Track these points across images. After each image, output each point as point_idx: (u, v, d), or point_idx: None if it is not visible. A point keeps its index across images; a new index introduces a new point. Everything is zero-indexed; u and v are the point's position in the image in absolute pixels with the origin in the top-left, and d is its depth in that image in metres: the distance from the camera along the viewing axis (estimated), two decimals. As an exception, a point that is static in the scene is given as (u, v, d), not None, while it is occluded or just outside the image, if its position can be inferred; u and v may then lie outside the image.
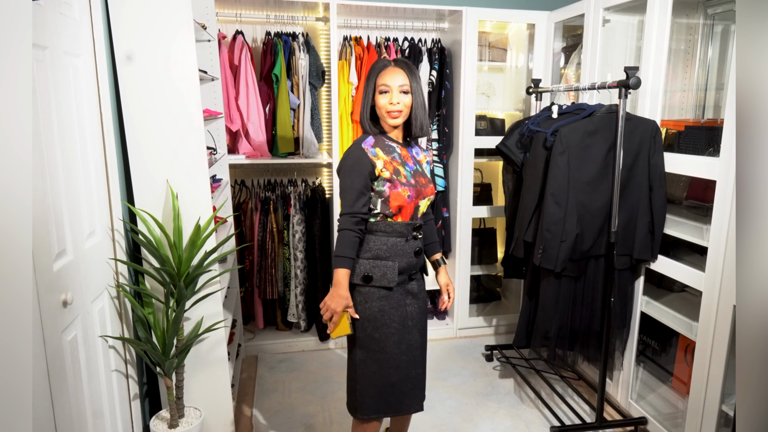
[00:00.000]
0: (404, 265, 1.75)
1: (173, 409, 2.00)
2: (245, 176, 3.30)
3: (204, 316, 2.10)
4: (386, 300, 1.73)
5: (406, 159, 1.77)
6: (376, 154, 1.71)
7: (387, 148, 1.74)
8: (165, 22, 1.89)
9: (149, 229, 1.92)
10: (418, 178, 1.76)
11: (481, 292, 3.76)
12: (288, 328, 3.33)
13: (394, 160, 1.72)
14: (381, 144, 1.74)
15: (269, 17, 3.08)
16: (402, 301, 1.76)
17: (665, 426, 2.24)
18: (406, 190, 1.70)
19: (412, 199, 1.71)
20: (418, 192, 1.74)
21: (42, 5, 1.44)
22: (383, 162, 1.70)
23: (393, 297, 1.74)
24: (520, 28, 3.39)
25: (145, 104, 1.93)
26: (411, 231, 1.75)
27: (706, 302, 1.94)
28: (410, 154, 1.81)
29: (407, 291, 1.78)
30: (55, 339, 1.43)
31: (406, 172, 1.73)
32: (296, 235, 3.07)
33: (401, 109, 1.70)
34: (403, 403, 1.80)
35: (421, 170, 1.80)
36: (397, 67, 1.71)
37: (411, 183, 1.72)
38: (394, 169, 1.71)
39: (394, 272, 1.71)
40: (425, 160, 1.87)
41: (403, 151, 1.78)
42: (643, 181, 2.18)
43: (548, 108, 2.59)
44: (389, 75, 1.69)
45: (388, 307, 1.73)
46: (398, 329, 1.75)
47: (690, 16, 2.44)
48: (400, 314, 1.75)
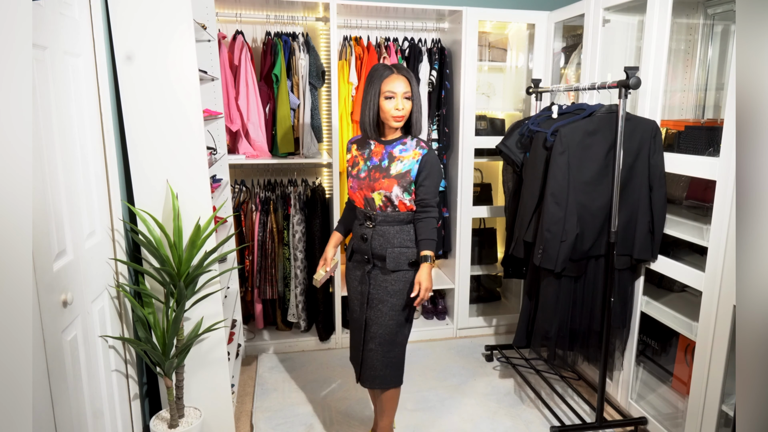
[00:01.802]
0: (355, 246, 2.05)
1: (173, 409, 2.00)
2: (245, 176, 3.30)
3: (204, 316, 2.10)
4: (350, 270, 2.10)
5: (374, 155, 1.99)
6: (350, 148, 2.09)
7: (363, 144, 2.04)
8: (165, 22, 1.89)
9: (149, 229, 1.92)
10: (373, 173, 1.96)
11: (481, 292, 3.76)
12: (288, 328, 3.33)
13: (361, 155, 2.02)
14: (360, 141, 2.06)
15: (269, 17, 3.09)
16: (354, 276, 2.07)
17: (665, 426, 2.24)
18: (350, 182, 2.03)
19: (354, 190, 2.02)
20: (364, 185, 1.97)
21: (42, 5, 1.44)
22: (350, 156, 2.07)
23: (349, 268, 2.10)
24: (520, 28, 3.39)
25: (144, 104, 1.93)
26: (363, 217, 2.01)
27: (706, 302, 1.94)
28: (386, 150, 1.98)
29: (364, 272, 2.03)
30: (55, 339, 1.43)
31: (363, 166, 2.00)
32: (296, 235, 3.07)
33: (404, 114, 1.91)
34: (356, 370, 2.11)
35: (386, 166, 1.95)
36: (401, 75, 1.90)
37: (360, 176, 1.99)
38: (353, 163, 2.04)
39: (349, 248, 2.09)
40: (413, 157, 1.95)
41: (378, 148, 2.00)
42: (643, 181, 2.18)
43: (548, 108, 2.59)
44: (394, 82, 1.89)
45: (349, 276, 2.11)
46: (351, 297, 2.10)
47: (690, 16, 2.44)
48: (353, 286, 2.09)
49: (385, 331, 2.00)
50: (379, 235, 1.97)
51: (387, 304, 1.99)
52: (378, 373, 2.02)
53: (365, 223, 1.99)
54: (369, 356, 2.02)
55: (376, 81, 1.90)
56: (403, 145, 1.98)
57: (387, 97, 1.89)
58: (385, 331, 2.00)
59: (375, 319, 2.00)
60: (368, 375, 2.03)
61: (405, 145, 1.97)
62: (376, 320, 2.00)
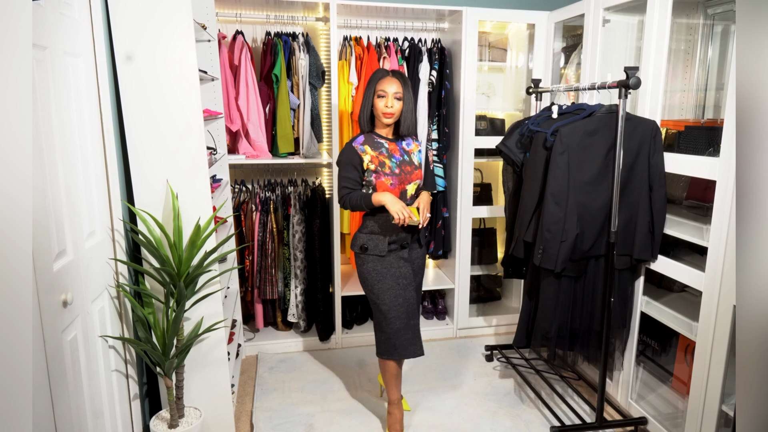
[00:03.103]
0: (394, 238, 2.21)
1: (173, 409, 2.00)
2: (245, 176, 3.30)
3: (204, 316, 2.10)
4: (380, 263, 2.20)
5: (393, 152, 2.21)
6: (365, 150, 2.17)
7: (375, 145, 2.19)
8: (164, 22, 1.89)
9: (149, 229, 1.92)
10: (404, 167, 2.20)
11: (481, 292, 3.76)
12: (288, 328, 3.33)
13: (381, 155, 2.18)
14: (370, 141, 2.20)
15: (269, 17, 3.09)
16: (395, 263, 2.21)
17: (665, 426, 2.24)
18: (389, 179, 2.15)
19: (395, 186, 2.16)
20: (402, 179, 2.18)
21: (42, 5, 1.44)
22: (370, 157, 2.16)
23: (386, 261, 2.20)
24: (520, 28, 3.39)
25: (144, 104, 1.93)
26: None
27: (706, 302, 1.94)
28: (399, 146, 2.24)
29: (400, 257, 2.23)
30: (55, 339, 1.43)
31: (392, 163, 2.18)
32: (296, 235, 3.07)
33: (393, 112, 2.15)
34: (406, 349, 2.22)
35: (409, 159, 2.23)
36: (394, 78, 2.15)
37: (395, 173, 2.17)
38: (379, 162, 2.16)
39: (384, 244, 2.18)
40: (417, 148, 2.28)
41: (391, 145, 2.22)
42: (643, 181, 2.18)
43: (548, 108, 2.58)
44: (387, 83, 2.14)
45: (381, 267, 2.20)
46: (392, 286, 2.19)
47: (690, 16, 2.44)
48: (393, 274, 2.20)
49: (419, 302, 2.35)
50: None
51: (419, 276, 2.36)
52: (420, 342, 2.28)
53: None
54: (418, 328, 2.28)
55: (374, 82, 2.16)
56: (404, 140, 2.27)
57: (380, 96, 2.14)
58: (418, 302, 2.34)
59: (416, 294, 2.30)
60: (420, 344, 2.27)
61: (406, 140, 2.28)
62: (416, 294, 2.31)
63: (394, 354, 2.23)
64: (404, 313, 2.20)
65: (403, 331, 2.21)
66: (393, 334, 2.20)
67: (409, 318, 2.22)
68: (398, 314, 2.19)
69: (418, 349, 2.25)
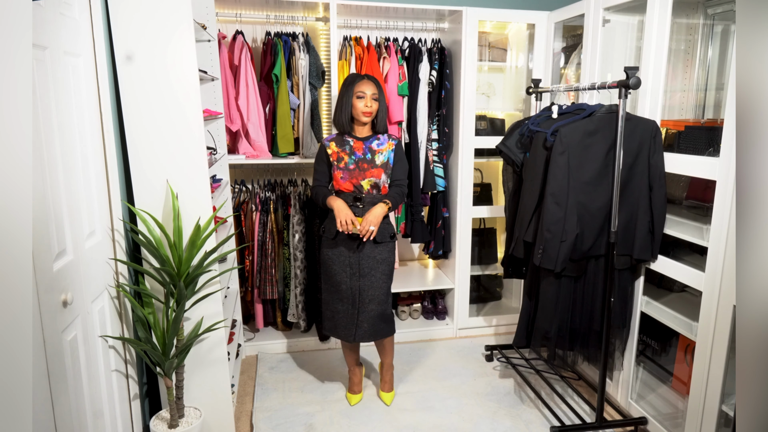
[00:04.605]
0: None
1: (173, 409, 2.00)
2: (245, 176, 3.30)
3: (204, 316, 2.10)
4: (331, 249, 2.43)
5: (356, 149, 2.41)
6: (329, 145, 2.45)
7: (341, 142, 2.43)
8: (164, 23, 1.89)
9: (149, 229, 1.92)
10: (361, 164, 2.39)
11: (481, 292, 3.76)
12: (288, 328, 3.33)
13: (342, 151, 2.41)
14: (337, 139, 2.45)
15: (269, 17, 3.09)
16: (345, 253, 2.40)
17: (665, 426, 2.24)
18: (340, 173, 2.38)
19: (345, 179, 2.37)
20: (355, 175, 2.37)
21: (42, 5, 1.44)
22: (332, 151, 2.43)
23: (337, 246, 2.41)
24: (520, 28, 3.39)
25: (144, 104, 1.93)
26: (352, 200, 2.38)
27: (706, 302, 1.94)
28: (365, 145, 2.42)
29: (352, 248, 2.40)
30: (55, 339, 1.43)
31: (349, 160, 2.40)
32: (296, 235, 3.07)
33: (372, 111, 2.37)
34: (340, 330, 2.47)
35: (371, 158, 2.41)
36: (370, 81, 2.37)
37: (349, 168, 2.38)
38: (338, 157, 2.41)
39: (334, 228, 2.37)
40: (390, 147, 2.44)
41: (357, 143, 2.42)
42: (643, 181, 2.18)
43: (548, 108, 2.58)
44: (365, 85, 2.36)
45: (332, 253, 2.43)
46: (339, 271, 2.41)
47: (690, 16, 2.44)
48: (342, 261, 2.41)
49: (380, 292, 2.43)
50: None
51: (378, 270, 2.42)
52: (378, 327, 2.45)
53: (355, 204, 2.38)
54: (369, 316, 2.42)
55: (350, 85, 2.36)
56: (378, 140, 2.45)
57: (358, 97, 2.35)
58: (380, 293, 2.43)
59: (370, 285, 2.41)
60: (371, 330, 2.43)
61: (379, 140, 2.45)
62: (372, 285, 2.41)
63: (332, 331, 2.51)
64: (343, 299, 2.43)
65: (342, 315, 2.44)
66: (331, 315, 2.48)
67: (354, 305, 2.42)
68: (340, 297, 2.43)
69: (349, 334, 2.44)
